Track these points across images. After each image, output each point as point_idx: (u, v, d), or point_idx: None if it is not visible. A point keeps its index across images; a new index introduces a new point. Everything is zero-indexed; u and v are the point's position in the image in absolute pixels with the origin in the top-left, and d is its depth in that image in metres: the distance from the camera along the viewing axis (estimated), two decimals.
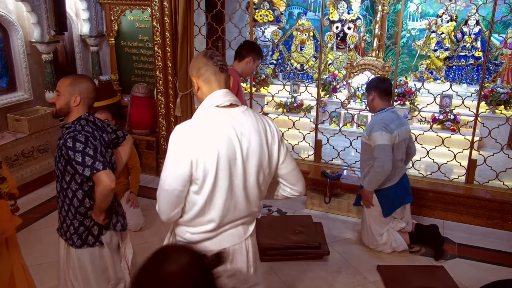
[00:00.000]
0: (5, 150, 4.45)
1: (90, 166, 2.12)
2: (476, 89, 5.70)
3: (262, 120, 1.90)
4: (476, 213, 4.20)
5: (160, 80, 4.80)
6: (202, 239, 1.83)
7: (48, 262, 3.50)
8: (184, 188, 1.76)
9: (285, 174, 1.97)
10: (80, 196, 2.27)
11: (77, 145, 2.15)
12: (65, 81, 2.30)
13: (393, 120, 3.46)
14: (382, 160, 3.35)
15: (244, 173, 1.80)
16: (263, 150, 1.84)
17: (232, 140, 1.76)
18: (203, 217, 1.80)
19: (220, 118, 1.79)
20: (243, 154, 1.78)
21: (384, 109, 3.52)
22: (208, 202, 1.78)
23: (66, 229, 2.35)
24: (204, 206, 1.78)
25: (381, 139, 3.36)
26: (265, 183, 1.92)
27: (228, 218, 1.83)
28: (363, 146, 3.60)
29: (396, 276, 3.37)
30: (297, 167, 2.01)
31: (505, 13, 5.76)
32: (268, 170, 1.89)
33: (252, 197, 1.87)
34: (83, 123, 2.28)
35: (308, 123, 5.90)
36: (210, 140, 1.73)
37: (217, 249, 1.75)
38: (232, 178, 1.78)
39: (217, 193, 1.77)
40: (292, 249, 3.62)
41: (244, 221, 1.92)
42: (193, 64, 1.90)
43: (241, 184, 1.81)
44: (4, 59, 4.76)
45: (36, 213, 4.31)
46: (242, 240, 1.92)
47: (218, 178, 1.75)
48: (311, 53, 7.06)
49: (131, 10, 5.68)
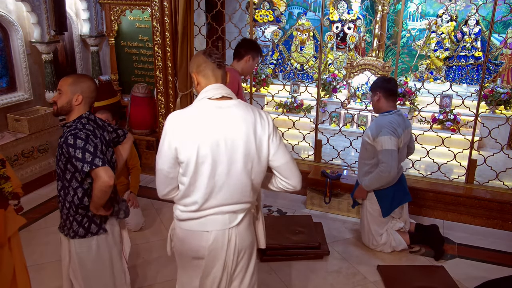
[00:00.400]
0: (5, 150, 4.45)
1: (90, 162, 2.13)
2: (476, 89, 5.70)
3: (254, 112, 2.01)
4: (476, 213, 4.20)
5: (160, 80, 4.80)
6: (188, 218, 2.00)
7: (48, 262, 3.50)
8: (171, 170, 1.96)
9: (277, 166, 2.04)
10: (80, 194, 2.28)
11: (77, 141, 2.16)
12: (67, 80, 2.32)
13: (399, 124, 3.45)
14: (390, 166, 3.34)
15: (228, 161, 1.92)
16: (250, 139, 1.94)
17: (216, 128, 1.91)
18: (188, 198, 1.97)
19: (207, 108, 1.95)
20: (226, 142, 1.91)
21: (391, 111, 3.50)
22: (192, 184, 1.93)
23: (70, 225, 2.35)
24: (189, 187, 1.94)
25: (390, 144, 3.35)
26: (257, 173, 2.00)
27: (212, 202, 1.95)
28: (365, 145, 3.59)
29: (396, 276, 3.37)
30: (291, 161, 2.07)
31: (505, 13, 5.76)
32: (257, 160, 1.97)
33: (241, 186, 1.96)
34: (84, 121, 2.28)
35: (308, 123, 5.90)
36: (194, 128, 1.90)
37: (200, 230, 1.97)
38: (215, 164, 1.91)
39: (199, 177, 1.92)
40: (292, 249, 3.62)
41: (231, 209, 1.99)
42: (193, 61, 2.06)
43: (225, 170, 1.92)
44: (4, 59, 4.76)
45: (36, 213, 4.31)
46: (225, 228, 1.99)
47: (199, 163, 1.90)
48: (311, 53, 7.06)
49: (131, 10, 5.68)
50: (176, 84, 4.72)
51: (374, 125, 3.53)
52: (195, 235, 2.00)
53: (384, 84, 3.51)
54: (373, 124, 3.55)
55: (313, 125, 5.39)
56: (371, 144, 3.50)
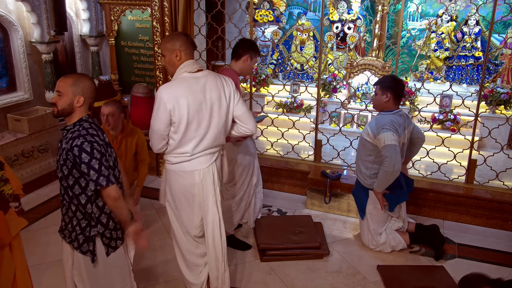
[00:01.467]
0: (5, 150, 4.45)
1: (95, 181, 2.18)
2: (476, 89, 5.70)
3: (221, 78, 2.71)
4: (476, 213, 4.20)
5: (160, 80, 4.80)
6: (181, 161, 2.66)
7: (48, 262, 3.50)
8: (165, 129, 2.58)
9: (239, 115, 2.75)
10: (83, 200, 2.26)
11: (83, 156, 2.15)
12: (67, 81, 2.24)
13: (400, 124, 3.45)
14: (394, 160, 3.33)
15: (209, 117, 2.62)
16: (222, 99, 2.66)
17: (198, 94, 2.58)
18: (179, 148, 2.63)
19: (189, 79, 2.60)
20: (207, 103, 2.60)
21: (392, 111, 3.50)
22: (183, 138, 2.59)
23: (72, 229, 2.32)
24: (180, 141, 2.60)
25: (392, 139, 3.34)
26: (227, 123, 2.74)
27: (198, 149, 2.63)
28: (363, 143, 3.58)
29: (396, 276, 3.37)
30: (248, 111, 2.80)
31: (505, 13, 5.76)
32: (227, 112, 2.70)
33: (217, 134, 2.67)
34: (86, 125, 2.25)
35: (308, 123, 5.90)
36: (182, 95, 2.53)
37: (191, 169, 2.64)
38: (200, 121, 2.59)
39: (188, 133, 2.58)
40: (292, 249, 3.62)
41: (210, 151, 2.70)
42: (177, 40, 2.62)
43: (207, 124, 2.62)
44: (4, 59, 4.76)
45: (36, 213, 4.31)
46: (209, 164, 2.70)
47: (188, 122, 2.56)
48: (311, 53, 7.06)
49: (131, 10, 5.68)
50: None
51: (374, 122, 3.51)
52: (187, 175, 2.66)
53: (396, 86, 3.47)
54: (373, 121, 3.53)
55: (313, 125, 5.39)
56: (371, 142, 3.49)
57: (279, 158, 4.98)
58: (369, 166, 3.58)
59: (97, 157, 2.17)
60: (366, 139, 3.53)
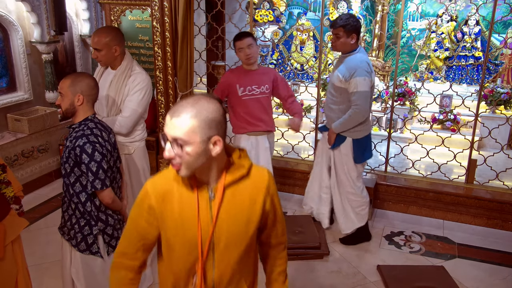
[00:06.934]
0: (5, 150, 4.46)
1: (91, 183, 2.23)
2: (476, 89, 5.70)
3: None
4: (476, 213, 4.20)
5: (160, 80, 4.80)
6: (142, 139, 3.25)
7: (48, 262, 3.50)
8: (144, 111, 3.14)
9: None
10: (83, 198, 2.29)
11: (83, 156, 2.20)
12: (66, 81, 2.30)
13: (370, 63, 3.33)
14: (363, 108, 3.25)
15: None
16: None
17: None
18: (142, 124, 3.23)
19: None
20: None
21: (356, 49, 3.34)
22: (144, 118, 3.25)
23: (70, 227, 2.35)
24: (143, 121, 3.23)
25: (364, 86, 3.22)
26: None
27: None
28: (334, 87, 3.42)
29: (396, 276, 3.37)
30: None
31: (505, 13, 5.76)
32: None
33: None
34: (91, 125, 2.28)
35: (308, 123, 5.90)
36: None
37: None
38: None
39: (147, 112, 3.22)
40: (292, 249, 3.62)
41: None
42: (119, 36, 3.04)
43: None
44: (4, 59, 4.76)
45: (36, 213, 4.31)
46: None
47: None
48: (311, 53, 7.06)
49: (131, 10, 5.68)
50: (176, 84, 4.71)
51: (344, 67, 3.34)
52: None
53: (359, 25, 3.33)
54: (343, 66, 3.35)
55: (313, 125, 5.38)
56: (341, 87, 3.33)
57: (279, 158, 4.98)
58: (341, 115, 3.45)
59: (97, 160, 2.21)
60: (336, 84, 3.36)
